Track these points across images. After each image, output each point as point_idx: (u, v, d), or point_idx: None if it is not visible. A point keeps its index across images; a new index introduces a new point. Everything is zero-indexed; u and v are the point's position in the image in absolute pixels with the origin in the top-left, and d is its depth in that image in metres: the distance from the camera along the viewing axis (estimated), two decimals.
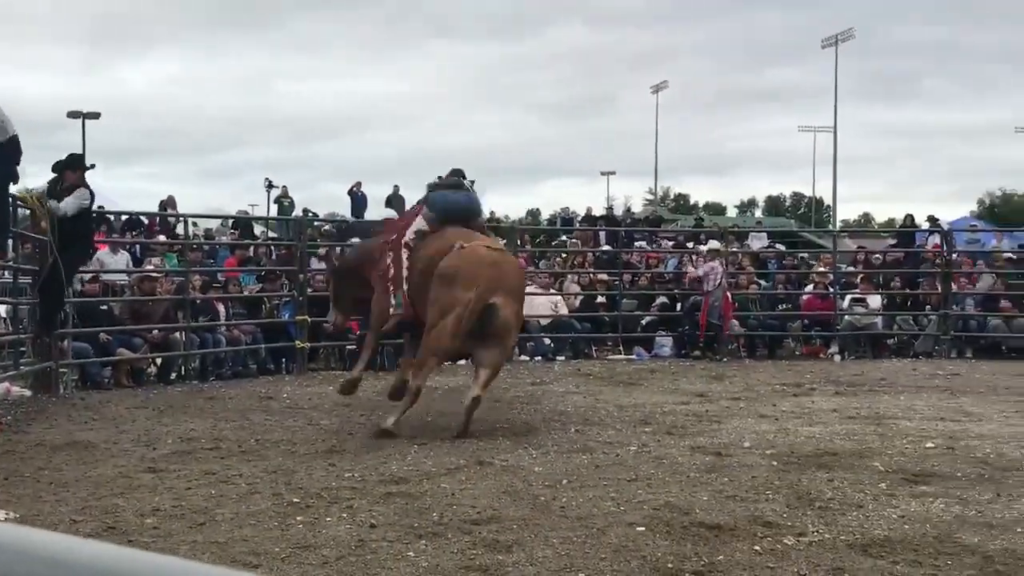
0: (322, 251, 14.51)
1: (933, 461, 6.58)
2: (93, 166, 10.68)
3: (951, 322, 14.92)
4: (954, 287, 15.39)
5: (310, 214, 23.61)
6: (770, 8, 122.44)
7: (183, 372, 11.98)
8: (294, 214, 23.61)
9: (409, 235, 8.25)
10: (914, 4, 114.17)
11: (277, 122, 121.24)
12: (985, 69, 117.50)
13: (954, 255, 16.03)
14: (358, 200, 27.12)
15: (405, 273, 8.10)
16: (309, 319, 12.66)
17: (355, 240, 13.62)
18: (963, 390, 10.68)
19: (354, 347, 13.13)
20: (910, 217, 23.19)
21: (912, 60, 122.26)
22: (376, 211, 28.00)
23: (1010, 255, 17.79)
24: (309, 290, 12.93)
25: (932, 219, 22.47)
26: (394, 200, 27.47)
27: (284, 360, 12.97)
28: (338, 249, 12.37)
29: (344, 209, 28.44)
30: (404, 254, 8.15)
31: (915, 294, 15.94)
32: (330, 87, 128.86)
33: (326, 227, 24.48)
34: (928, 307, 15.67)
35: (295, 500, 5.54)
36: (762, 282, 16.45)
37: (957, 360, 14.38)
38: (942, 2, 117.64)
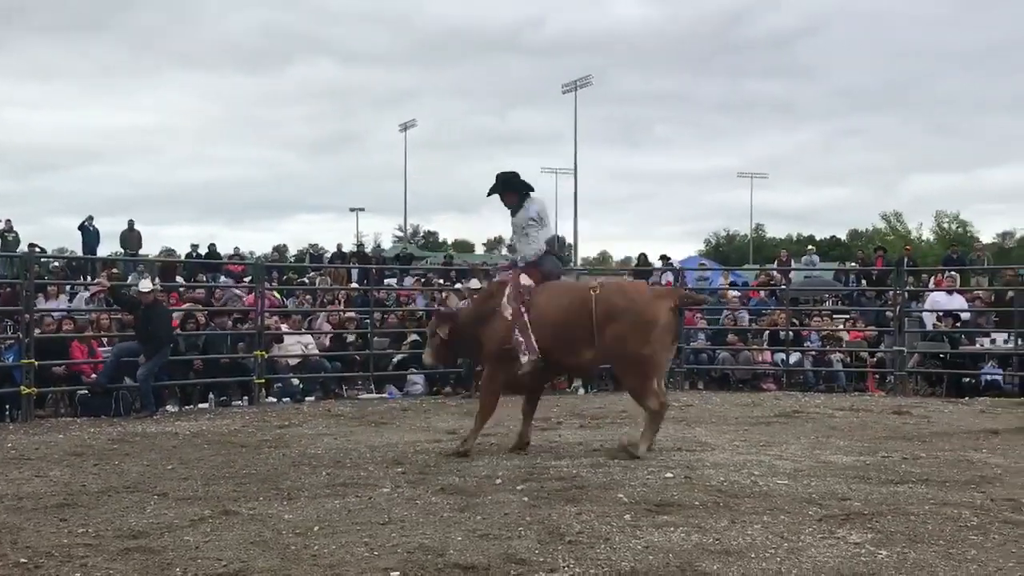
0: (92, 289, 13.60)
1: (673, 491, 6.88)
2: None
3: (684, 355, 15.75)
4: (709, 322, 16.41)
5: (37, 249, 22.15)
6: (513, 53, 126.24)
7: None
8: (19, 249, 22.10)
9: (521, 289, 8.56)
10: (646, 56, 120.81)
11: (2, 152, 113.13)
12: (712, 118, 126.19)
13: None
14: (90, 235, 25.81)
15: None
16: (36, 363, 11.81)
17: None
18: (697, 420, 11.26)
19: (85, 392, 12.36)
20: (643, 255, 24.45)
21: (645, 108, 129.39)
22: (109, 247, 26.71)
23: (735, 293, 19.08)
24: (37, 331, 12.07)
25: (664, 258, 23.82)
26: (128, 236, 26.27)
27: (8, 407, 11.99)
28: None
29: (75, 244, 26.99)
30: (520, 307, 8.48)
31: None
32: (62, 117, 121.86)
33: (54, 263, 23.08)
34: None
35: (22, 560, 5.14)
36: None
37: (690, 391, 15.19)
38: (671, 55, 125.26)
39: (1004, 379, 14.82)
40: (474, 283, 15.43)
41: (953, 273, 18.15)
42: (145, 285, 12.68)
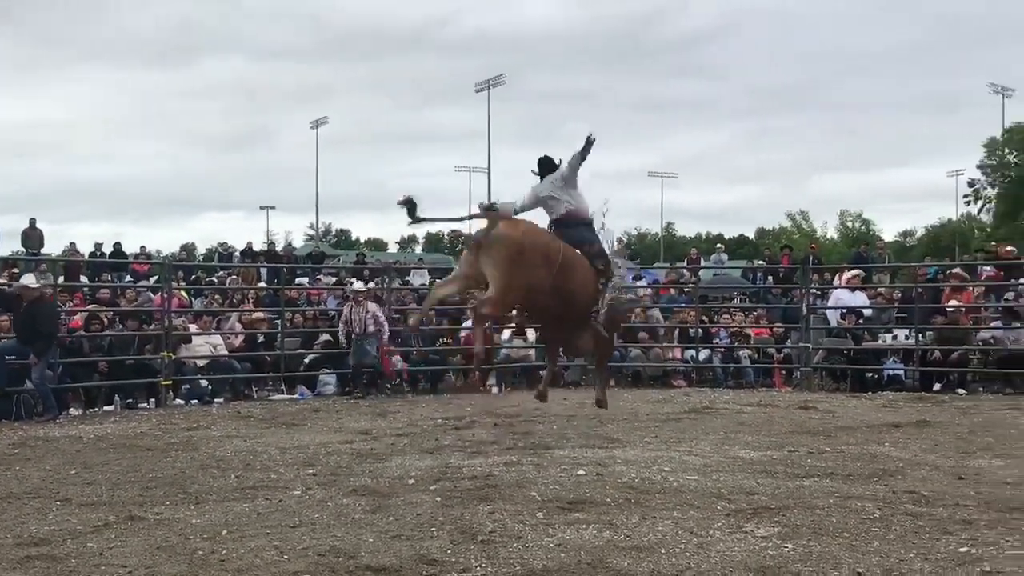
0: None
1: (585, 488, 6.93)
2: None
3: None
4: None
5: None
6: (427, 51, 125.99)
7: None
8: None
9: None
10: (559, 56, 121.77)
11: None
12: (623, 118, 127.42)
13: None
14: None
15: None
16: None
17: None
18: (609, 417, 11.31)
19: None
20: None
21: (557, 106, 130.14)
22: (9, 246, 25.89)
23: (647, 290, 19.27)
24: None
25: None
26: (30, 235, 25.49)
27: None
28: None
29: None
30: None
31: None
32: None
33: None
34: None
35: None
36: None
37: None
38: (583, 55, 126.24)
39: (905, 374, 15.25)
40: (358, 285, 15.28)
41: (859, 271, 18.57)
42: (29, 279, 12.27)
